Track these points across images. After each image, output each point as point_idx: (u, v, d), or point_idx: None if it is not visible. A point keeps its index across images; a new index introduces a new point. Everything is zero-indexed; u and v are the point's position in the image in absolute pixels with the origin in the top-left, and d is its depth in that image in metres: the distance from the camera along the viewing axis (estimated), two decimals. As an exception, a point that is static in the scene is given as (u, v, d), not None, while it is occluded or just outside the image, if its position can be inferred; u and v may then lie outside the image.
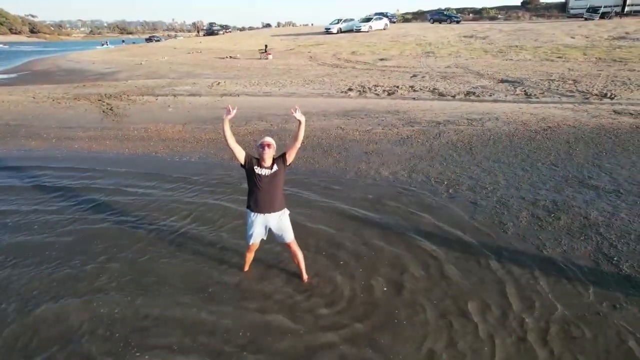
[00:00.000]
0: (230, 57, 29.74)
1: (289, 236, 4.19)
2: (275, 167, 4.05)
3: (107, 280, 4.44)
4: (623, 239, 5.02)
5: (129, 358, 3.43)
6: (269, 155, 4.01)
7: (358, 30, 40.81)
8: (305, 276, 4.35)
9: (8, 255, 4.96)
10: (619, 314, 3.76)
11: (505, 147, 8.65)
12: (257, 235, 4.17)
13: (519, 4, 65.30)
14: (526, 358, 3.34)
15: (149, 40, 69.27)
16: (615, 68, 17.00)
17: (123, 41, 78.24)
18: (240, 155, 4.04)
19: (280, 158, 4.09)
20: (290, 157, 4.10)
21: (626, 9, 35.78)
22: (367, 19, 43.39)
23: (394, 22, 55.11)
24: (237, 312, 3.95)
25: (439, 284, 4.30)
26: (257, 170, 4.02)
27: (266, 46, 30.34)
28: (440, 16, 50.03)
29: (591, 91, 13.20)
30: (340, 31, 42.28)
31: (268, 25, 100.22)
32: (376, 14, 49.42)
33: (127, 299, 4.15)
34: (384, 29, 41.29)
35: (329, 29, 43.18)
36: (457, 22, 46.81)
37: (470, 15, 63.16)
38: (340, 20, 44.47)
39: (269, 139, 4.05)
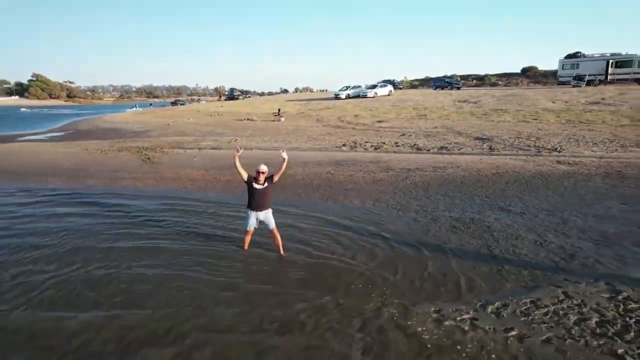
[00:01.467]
0: (248, 119, 33.55)
1: (272, 225, 6.68)
2: (265, 184, 6.62)
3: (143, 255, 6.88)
4: (506, 238, 7.29)
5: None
6: (262, 178, 6.59)
7: (364, 96, 44.81)
8: (282, 252, 6.74)
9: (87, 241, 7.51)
10: (478, 271, 6.03)
11: (455, 186, 11.06)
12: (252, 224, 6.67)
13: (519, 71, 70.04)
14: (417, 294, 5.58)
15: (174, 103, 74.84)
16: (577, 128, 19.61)
17: (150, 104, 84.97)
18: (244, 175, 6.64)
19: (269, 178, 6.66)
20: (276, 178, 6.68)
21: (609, 77, 39.19)
22: (373, 86, 47.72)
23: (400, 89, 59.84)
24: (234, 272, 6.31)
25: (372, 261, 6.61)
26: (254, 185, 6.59)
27: (279, 110, 34.24)
28: (442, 83, 54.44)
29: (545, 146, 15.71)
30: (348, 97, 46.43)
31: (285, 91, 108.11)
32: (383, 81, 54.16)
33: (153, 260, 6.55)
34: (388, 95, 45.30)
35: (338, 94, 47.43)
36: (458, 88, 50.85)
37: (474, 81, 67.68)
38: (349, 87, 48.88)
39: (263, 168, 6.61)
